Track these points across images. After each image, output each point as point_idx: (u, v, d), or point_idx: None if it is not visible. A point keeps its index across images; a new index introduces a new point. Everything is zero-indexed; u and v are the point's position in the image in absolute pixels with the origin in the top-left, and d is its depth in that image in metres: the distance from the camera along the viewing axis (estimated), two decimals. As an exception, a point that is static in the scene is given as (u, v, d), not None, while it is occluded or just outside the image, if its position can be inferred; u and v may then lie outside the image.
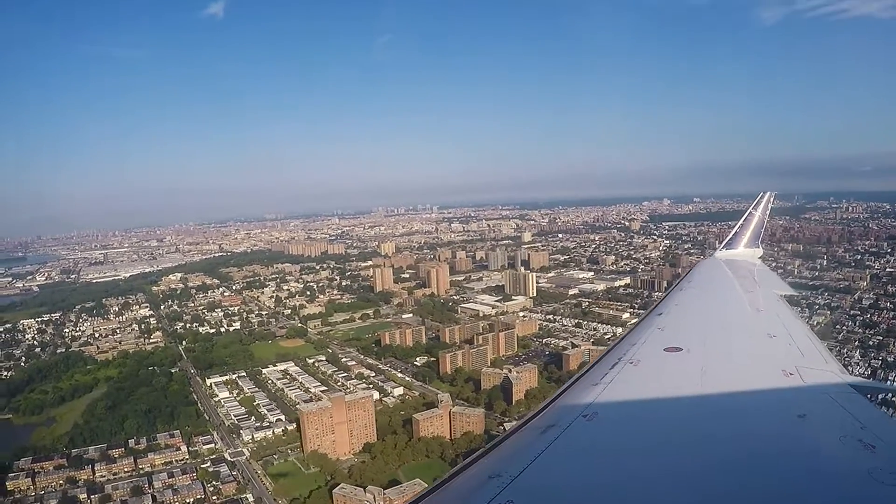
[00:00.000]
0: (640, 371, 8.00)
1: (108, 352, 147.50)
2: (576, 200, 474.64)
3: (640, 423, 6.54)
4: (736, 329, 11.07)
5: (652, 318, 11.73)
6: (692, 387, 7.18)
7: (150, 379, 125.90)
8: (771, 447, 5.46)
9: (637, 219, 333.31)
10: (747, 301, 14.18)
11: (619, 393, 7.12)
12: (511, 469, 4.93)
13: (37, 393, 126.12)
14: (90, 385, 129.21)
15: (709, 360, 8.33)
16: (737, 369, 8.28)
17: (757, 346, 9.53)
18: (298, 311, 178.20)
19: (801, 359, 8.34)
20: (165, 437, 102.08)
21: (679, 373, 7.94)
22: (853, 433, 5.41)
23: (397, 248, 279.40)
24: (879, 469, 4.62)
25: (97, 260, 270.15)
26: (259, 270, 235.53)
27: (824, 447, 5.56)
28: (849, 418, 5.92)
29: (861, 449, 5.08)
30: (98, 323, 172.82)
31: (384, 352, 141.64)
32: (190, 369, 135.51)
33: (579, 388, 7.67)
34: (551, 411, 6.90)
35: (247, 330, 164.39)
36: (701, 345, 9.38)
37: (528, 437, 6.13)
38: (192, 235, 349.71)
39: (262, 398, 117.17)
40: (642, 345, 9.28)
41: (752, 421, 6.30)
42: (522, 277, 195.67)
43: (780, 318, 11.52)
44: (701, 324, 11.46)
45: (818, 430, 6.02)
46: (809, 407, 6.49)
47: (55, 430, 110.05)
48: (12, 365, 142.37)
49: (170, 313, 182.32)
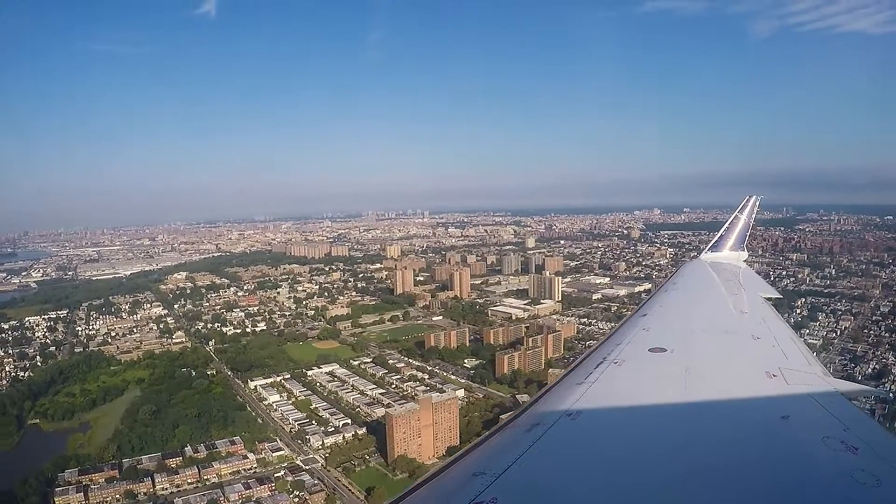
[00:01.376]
0: (624, 371, 7.98)
1: (131, 352, 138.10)
2: (567, 209, 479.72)
3: (623, 422, 6.50)
4: (720, 330, 10.98)
5: (637, 318, 11.72)
6: (676, 387, 7.16)
7: (189, 381, 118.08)
8: (754, 448, 5.41)
9: (635, 227, 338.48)
10: (732, 303, 14.24)
11: (604, 392, 7.11)
12: (495, 467, 4.86)
13: (62, 396, 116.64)
14: (120, 387, 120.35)
15: (693, 361, 8.34)
16: (720, 370, 8.30)
17: (741, 348, 9.55)
18: (323, 313, 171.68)
19: (785, 361, 8.34)
20: (225, 443, 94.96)
21: (663, 373, 7.90)
22: (836, 435, 5.38)
23: (402, 251, 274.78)
24: (862, 471, 4.60)
25: (92, 257, 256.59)
26: (266, 271, 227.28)
27: (807, 449, 5.44)
28: (832, 420, 5.93)
29: (844, 451, 5.04)
30: (112, 321, 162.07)
31: (429, 354, 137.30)
32: (226, 371, 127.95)
33: (563, 387, 7.56)
34: (536, 410, 6.81)
35: (274, 331, 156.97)
36: (685, 346, 9.40)
37: (512, 436, 6.06)
38: (185, 235, 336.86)
39: (317, 402, 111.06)
40: (627, 345, 9.29)
41: (735, 422, 6.24)
42: (548, 281, 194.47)
43: (764, 320, 11.52)
44: (685, 325, 11.38)
45: (801, 431, 5.95)
46: (793, 409, 6.50)
47: (93, 437, 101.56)
48: (29, 365, 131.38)
49: (186, 312, 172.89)
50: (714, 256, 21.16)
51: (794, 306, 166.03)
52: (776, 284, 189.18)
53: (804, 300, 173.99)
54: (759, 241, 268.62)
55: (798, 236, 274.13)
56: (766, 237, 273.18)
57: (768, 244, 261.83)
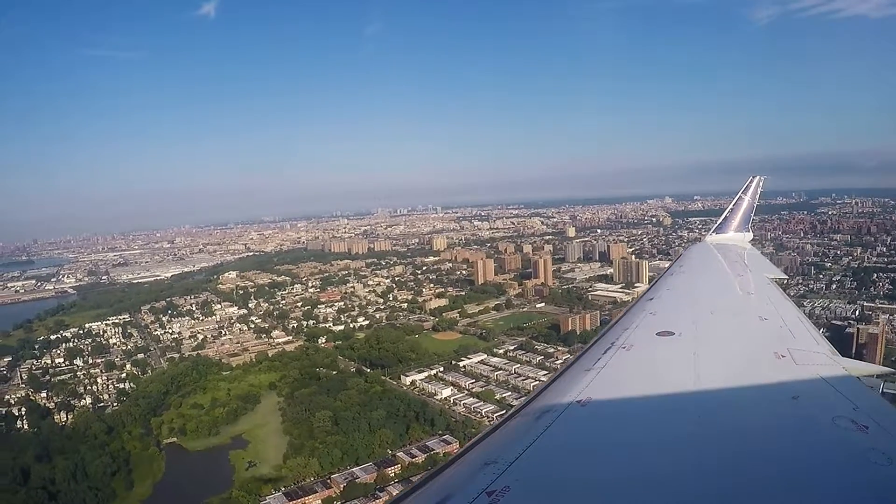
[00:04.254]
0: (632, 356, 7.78)
1: (239, 354, 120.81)
2: (575, 200, 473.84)
3: (633, 407, 6.29)
4: (727, 312, 10.43)
5: (644, 302, 11.22)
6: (685, 370, 6.92)
7: (341, 381, 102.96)
8: (765, 429, 5.37)
9: (661, 215, 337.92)
10: (738, 284, 13.87)
11: (613, 378, 6.89)
12: (506, 455, 4.79)
13: (187, 408, 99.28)
14: (253, 394, 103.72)
15: (701, 344, 8.11)
16: (729, 352, 8.08)
17: (748, 329, 9.17)
18: (422, 304, 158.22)
19: (793, 341, 8.13)
20: (437, 443, 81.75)
21: (672, 357, 7.73)
22: (846, 414, 5.32)
23: (448, 244, 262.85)
24: (872, 450, 4.61)
25: (118, 261, 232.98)
26: (321, 267, 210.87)
27: (818, 428, 5.35)
28: (841, 399, 5.83)
29: (854, 430, 5.01)
30: (189, 323, 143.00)
31: (570, 338, 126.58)
32: (363, 368, 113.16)
33: (572, 373, 7.28)
34: (545, 397, 6.56)
35: (385, 324, 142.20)
36: (693, 328, 8.99)
37: (522, 424, 5.89)
38: (202, 237, 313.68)
39: (500, 391, 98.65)
40: (634, 329, 8.91)
41: (745, 403, 6.11)
42: (635, 266, 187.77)
43: (770, 300, 11.10)
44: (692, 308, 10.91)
45: (811, 411, 5.82)
46: (802, 388, 6.33)
47: (260, 453, 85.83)
48: (126, 375, 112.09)
49: (268, 311, 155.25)
50: (719, 238, 20.59)
51: (874, 281, 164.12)
52: (838, 263, 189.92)
53: (877, 276, 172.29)
54: (795, 223, 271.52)
55: (831, 219, 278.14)
56: (801, 220, 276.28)
57: (806, 227, 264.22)
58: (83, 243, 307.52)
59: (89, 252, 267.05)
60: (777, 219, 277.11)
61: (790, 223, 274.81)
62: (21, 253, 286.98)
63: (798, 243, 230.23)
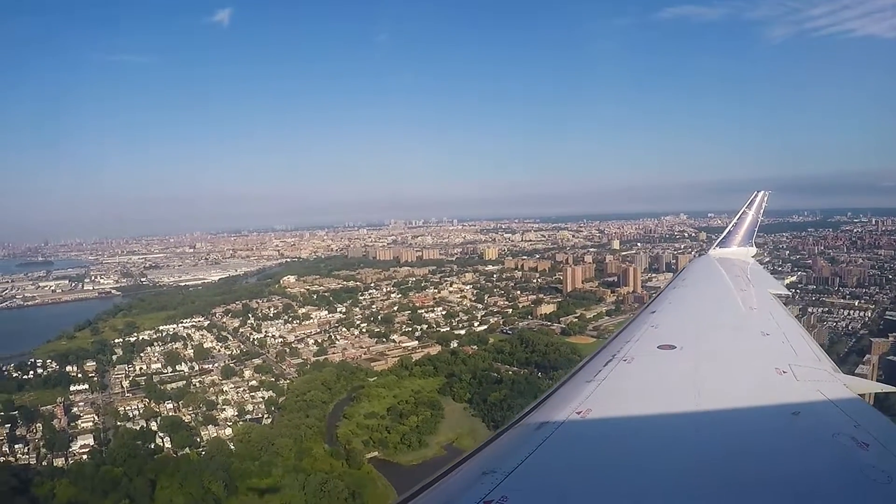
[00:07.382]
0: (633, 368, 7.70)
1: (378, 360, 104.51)
2: (595, 215, 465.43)
3: (633, 420, 6.20)
4: (729, 327, 10.50)
5: (646, 315, 11.32)
6: (685, 384, 6.90)
7: (529, 382, 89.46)
8: (764, 444, 5.28)
9: (690, 230, 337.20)
10: (741, 299, 13.63)
11: (613, 391, 6.83)
12: (505, 465, 4.79)
13: (362, 418, 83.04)
14: (425, 401, 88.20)
15: (702, 358, 8.06)
16: (730, 367, 7.98)
17: (750, 344, 9.13)
18: (532, 310, 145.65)
19: (795, 357, 7.99)
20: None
21: (672, 370, 7.65)
22: (847, 431, 5.27)
23: (499, 254, 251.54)
24: (872, 467, 4.58)
25: (148, 264, 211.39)
26: (386, 274, 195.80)
27: (818, 445, 5.28)
28: (842, 416, 5.76)
29: (855, 447, 4.97)
30: (288, 327, 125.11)
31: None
32: (533, 371, 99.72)
33: (573, 385, 7.25)
34: (545, 408, 6.50)
35: (521, 328, 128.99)
36: (694, 342, 9.05)
37: (521, 434, 5.85)
38: (224, 243, 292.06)
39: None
40: (636, 342, 8.87)
41: (745, 418, 6.04)
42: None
43: (773, 316, 11.01)
44: (694, 322, 11.06)
45: (811, 427, 5.76)
46: (803, 405, 6.22)
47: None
48: (259, 384, 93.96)
49: (366, 315, 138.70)
50: (723, 252, 20.64)
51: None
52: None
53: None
54: (832, 239, 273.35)
55: (869, 235, 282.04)
56: (837, 237, 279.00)
57: (846, 242, 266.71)
58: (96, 246, 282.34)
59: (108, 255, 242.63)
60: (810, 236, 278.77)
61: (827, 239, 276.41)
62: (35, 254, 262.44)
63: (848, 257, 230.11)
